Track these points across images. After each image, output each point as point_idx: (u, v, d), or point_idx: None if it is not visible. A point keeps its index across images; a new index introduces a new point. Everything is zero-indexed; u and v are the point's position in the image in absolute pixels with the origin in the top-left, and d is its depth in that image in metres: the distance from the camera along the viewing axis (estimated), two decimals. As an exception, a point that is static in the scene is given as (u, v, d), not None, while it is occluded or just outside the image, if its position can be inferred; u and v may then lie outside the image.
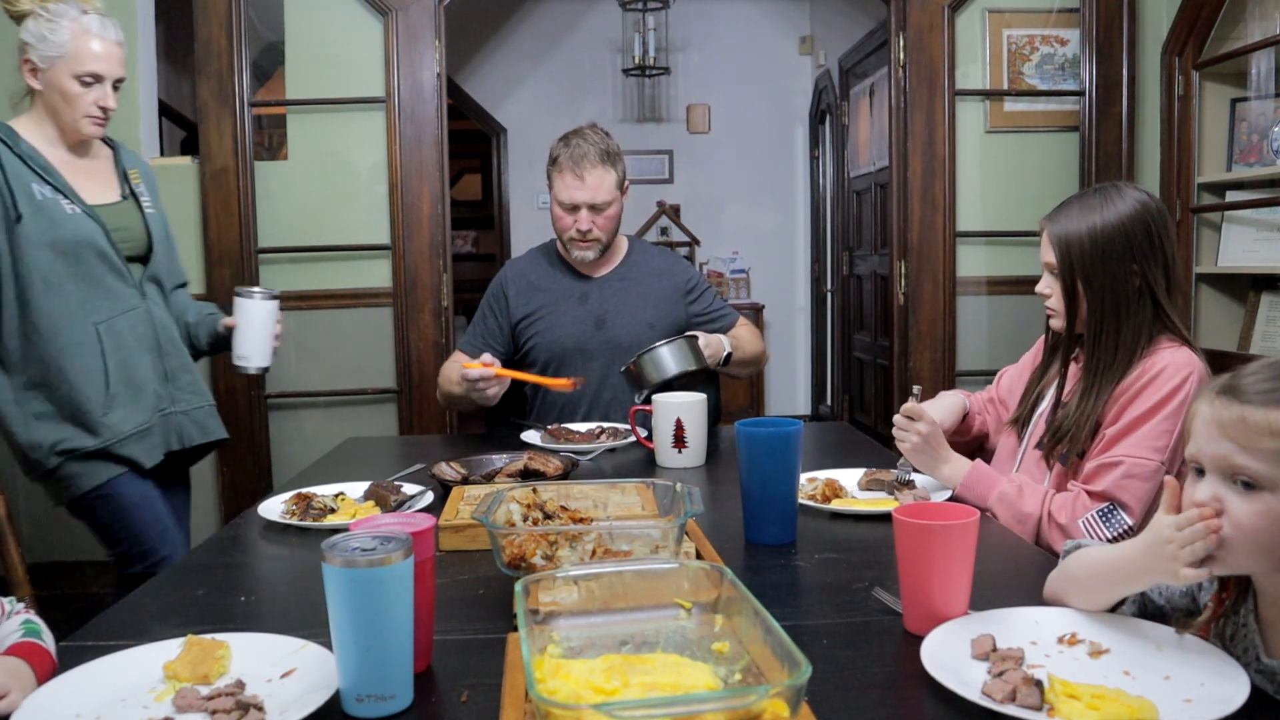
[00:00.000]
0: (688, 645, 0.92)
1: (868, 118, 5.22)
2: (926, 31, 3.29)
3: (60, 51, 1.92)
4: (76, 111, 1.95)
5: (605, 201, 2.29)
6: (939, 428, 1.67)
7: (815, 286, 6.52)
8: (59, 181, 1.95)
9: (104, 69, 1.95)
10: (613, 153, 2.31)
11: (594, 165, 2.26)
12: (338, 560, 0.88)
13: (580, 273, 2.41)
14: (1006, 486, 1.59)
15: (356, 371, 3.26)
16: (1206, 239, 3.18)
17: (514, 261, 2.51)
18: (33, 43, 1.92)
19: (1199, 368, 1.53)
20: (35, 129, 1.99)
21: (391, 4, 3.17)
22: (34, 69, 1.94)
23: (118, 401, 1.96)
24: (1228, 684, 0.88)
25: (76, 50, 1.92)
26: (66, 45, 1.92)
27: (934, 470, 1.67)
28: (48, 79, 1.94)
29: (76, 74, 1.93)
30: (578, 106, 6.36)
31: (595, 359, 2.34)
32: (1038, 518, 1.54)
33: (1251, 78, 3.09)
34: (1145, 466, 1.49)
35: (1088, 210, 1.58)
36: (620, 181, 2.33)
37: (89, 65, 1.94)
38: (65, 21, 1.92)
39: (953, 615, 1.04)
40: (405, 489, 1.66)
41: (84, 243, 1.94)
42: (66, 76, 1.92)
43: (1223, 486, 0.93)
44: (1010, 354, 3.30)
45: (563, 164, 2.29)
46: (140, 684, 0.96)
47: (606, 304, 2.36)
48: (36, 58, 1.93)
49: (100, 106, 1.97)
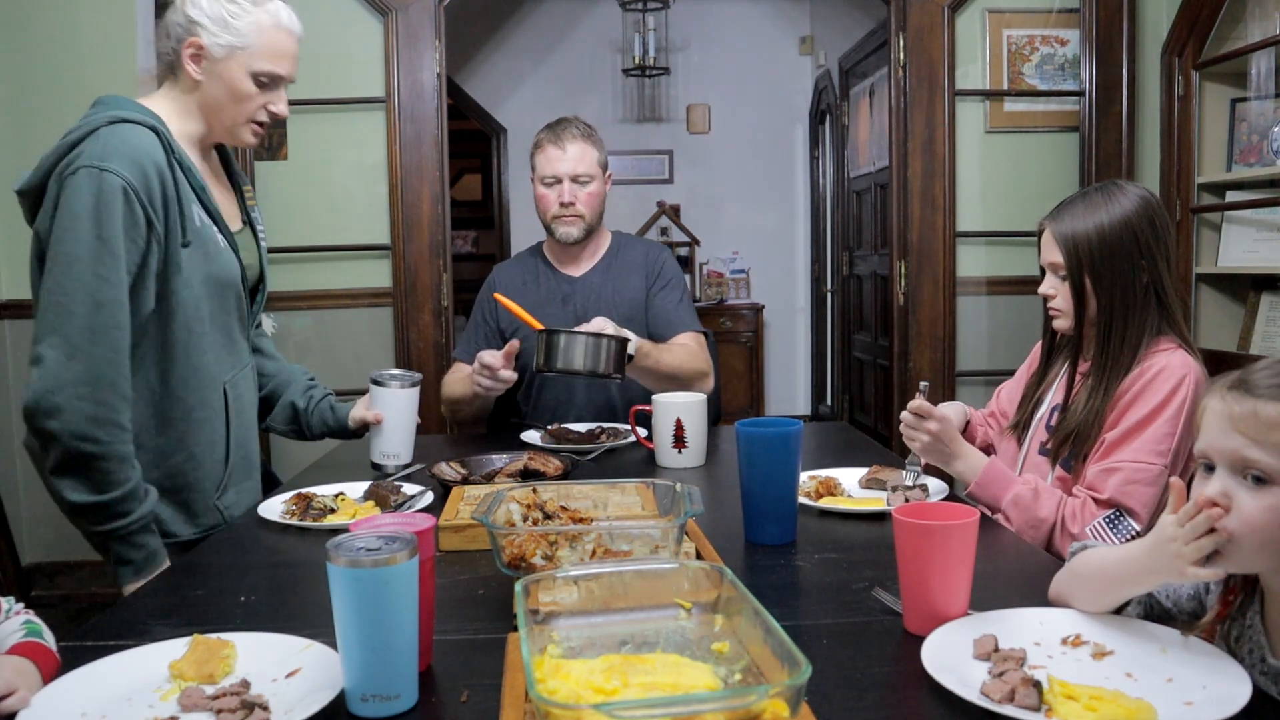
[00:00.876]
0: (688, 645, 0.92)
1: (868, 118, 5.22)
2: (926, 31, 3.29)
3: (244, 41, 1.59)
4: (241, 114, 1.64)
5: (588, 174, 2.28)
6: (950, 422, 1.63)
7: (815, 286, 6.52)
8: (211, 203, 1.62)
9: (288, 70, 1.66)
10: (594, 135, 2.33)
11: (575, 138, 2.28)
12: (343, 560, 0.88)
13: (563, 273, 2.40)
14: (1022, 489, 1.56)
15: (356, 371, 3.26)
16: (1206, 239, 3.18)
17: (501, 266, 2.51)
18: (206, 24, 1.58)
19: (1195, 369, 1.53)
20: (177, 124, 1.63)
21: (391, 4, 3.17)
22: (199, 54, 1.60)
23: (233, 479, 1.68)
24: (1230, 687, 0.88)
25: (264, 43, 1.60)
26: (251, 35, 1.59)
27: (948, 465, 1.64)
28: (218, 70, 1.60)
29: (255, 71, 1.61)
30: (578, 106, 6.35)
31: None
32: (1052, 524, 1.52)
33: (1251, 78, 3.09)
34: (1148, 471, 1.48)
35: (1092, 208, 1.58)
36: (602, 163, 2.33)
37: (272, 64, 1.62)
38: (250, 5, 1.60)
39: (953, 615, 1.04)
40: (405, 489, 1.66)
41: (230, 283, 1.64)
42: (242, 72, 1.60)
43: (1232, 481, 0.92)
44: (1010, 354, 3.33)
45: (544, 140, 2.31)
46: (146, 683, 0.97)
47: (586, 304, 2.35)
48: (210, 42, 1.58)
49: (271, 111, 1.66)
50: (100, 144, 1.48)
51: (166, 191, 1.52)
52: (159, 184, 1.50)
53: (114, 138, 1.48)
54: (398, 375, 1.91)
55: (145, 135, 1.52)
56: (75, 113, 1.56)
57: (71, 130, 1.51)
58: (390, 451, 1.88)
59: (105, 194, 1.45)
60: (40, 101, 3.09)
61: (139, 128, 1.52)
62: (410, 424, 1.90)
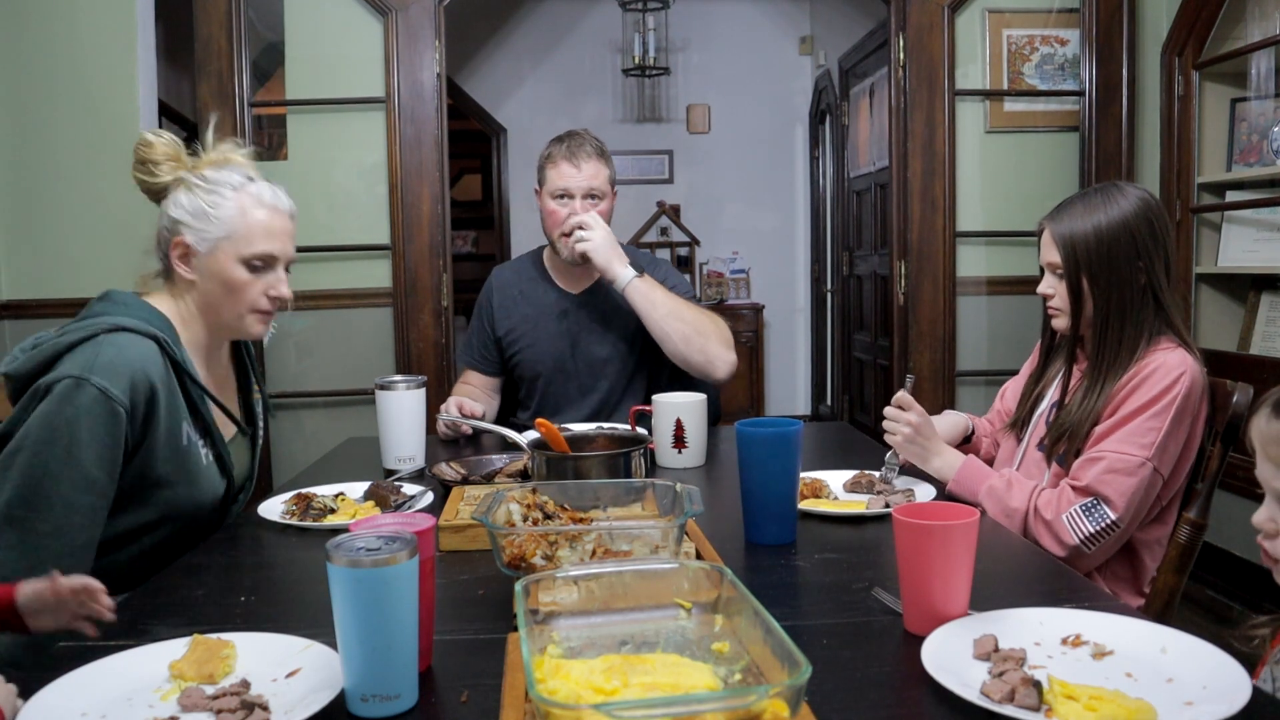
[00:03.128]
0: (688, 645, 0.92)
1: (868, 118, 5.22)
2: (926, 31, 3.29)
3: (228, 229, 1.49)
4: (243, 305, 1.52)
5: (600, 191, 2.26)
6: (929, 418, 1.65)
7: (815, 286, 6.52)
8: (206, 416, 1.49)
9: (280, 249, 1.54)
10: (605, 152, 2.31)
11: (590, 156, 2.25)
12: (343, 560, 0.88)
13: (561, 288, 2.36)
14: (996, 481, 1.59)
15: (356, 371, 3.26)
16: (1206, 239, 3.18)
17: (500, 270, 2.47)
18: (187, 220, 1.49)
19: (1193, 367, 1.54)
20: (182, 330, 1.52)
21: (391, 4, 3.17)
22: (187, 253, 1.50)
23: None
24: (1230, 687, 0.88)
25: (249, 226, 1.50)
26: (234, 221, 1.49)
27: (925, 463, 1.65)
28: (208, 266, 1.50)
29: (245, 257, 1.50)
30: (578, 106, 6.36)
31: (573, 378, 2.32)
32: (1024, 512, 1.55)
33: (1251, 78, 3.10)
34: (1128, 461, 1.50)
35: (1091, 209, 1.59)
36: (612, 180, 2.32)
37: (261, 245, 1.51)
38: (229, 192, 1.50)
39: (953, 615, 1.04)
40: (405, 489, 1.66)
41: (201, 507, 1.50)
42: (232, 261, 1.50)
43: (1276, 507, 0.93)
44: (1010, 354, 3.33)
45: (557, 156, 2.27)
46: (146, 683, 0.97)
47: (583, 321, 2.32)
48: (193, 239, 1.49)
49: (272, 297, 1.55)
50: (94, 353, 1.36)
51: (156, 410, 1.40)
52: (145, 402, 1.38)
53: (110, 347, 1.37)
54: (403, 379, 1.91)
55: (144, 346, 1.41)
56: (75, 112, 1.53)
57: (70, 327, 1.41)
58: (404, 455, 1.88)
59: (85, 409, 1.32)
60: (40, 101, 3.09)
61: (138, 338, 1.41)
62: (420, 425, 1.91)
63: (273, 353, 3.22)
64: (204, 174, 1.51)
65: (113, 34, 3.13)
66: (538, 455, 1.55)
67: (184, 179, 1.51)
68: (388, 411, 1.88)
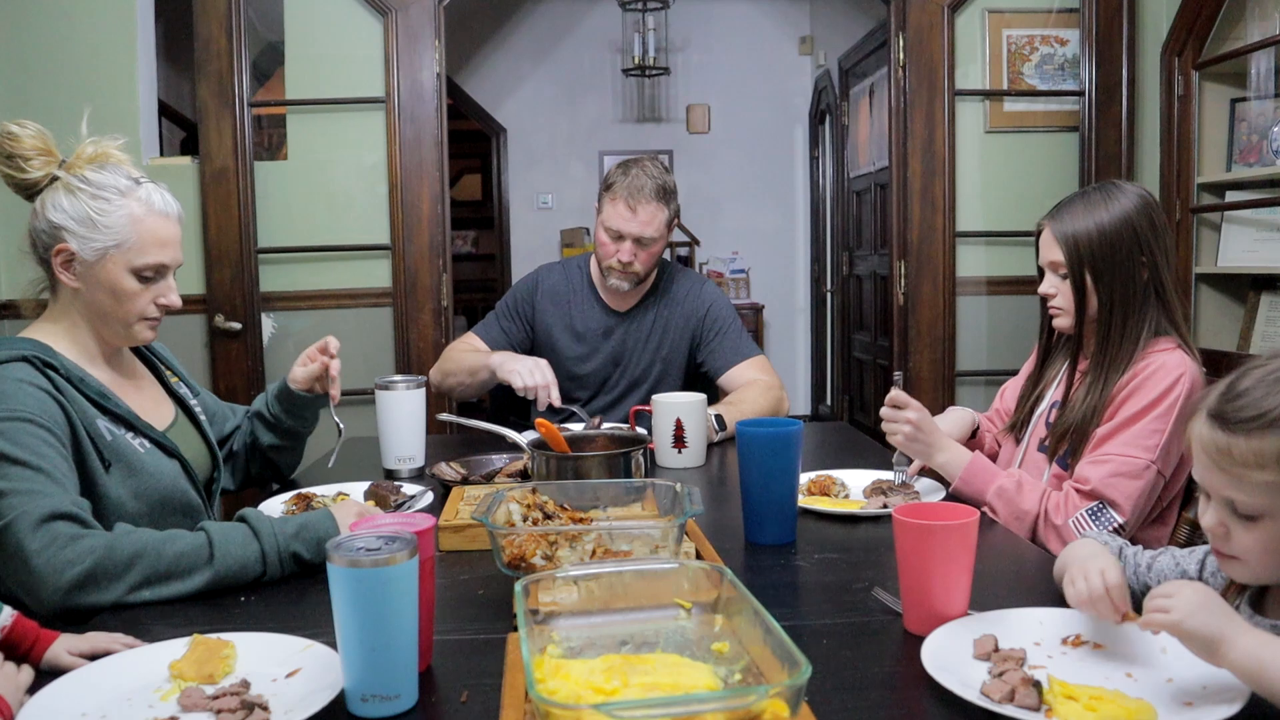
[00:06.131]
0: (688, 645, 0.92)
1: (868, 118, 5.22)
2: (926, 31, 3.29)
3: (118, 238, 1.41)
4: (131, 314, 1.46)
5: (652, 238, 2.24)
6: (927, 413, 1.63)
7: (815, 286, 6.52)
8: (123, 409, 1.44)
9: (171, 258, 1.47)
10: (669, 189, 2.27)
11: (649, 200, 2.22)
12: (343, 560, 0.88)
13: (608, 304, 2.37)
14: (1005, 481, 1.57)
15: (356, 371, 3.26)
16: (1206, 239, 3.18)
17: (549, 271, 2.45)
18: (71, 226, 1.40)
19: (1192, 369, 1.54)
20: (68, 343, 1.45)
21: (391, 4, 3.17)
22: (70, 260, 1.42)
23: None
24: (1230, 687, 0.88)
25: (140, 236, 1.42)
26: (124, 229, 1.41)
27: (929, 459, 1.63)
28: (94, 274, 1.42)
29: (136, 267, 1.43)
30: (577, 107, 6.36)
31: (610, 392, 2.38)
32: (1035, 515, 1.54)
33: (1251, 78, 3.09)
34: (1133, 464, 1.49)
35: (1092, 207, 1.59)
36: (671, 219, 2.29)
37: (154, 255, 1.44)
38: (116, 197, 1.41)
39: (953, 615, 1.04)
40: (405, 489, 1.66)
41: (168, 494, 1.45)
42: (122, 271, 1.42)
43: (1225, 513, 0.94)
44: (1010, 354, 3.33)
45: (617, 191, 2.23)
46: (146, 683, 0.97)
47: (627, 340, 2.36)
48: (78, 246, 1.40)
49: (160, 305, 1.48)
50: None
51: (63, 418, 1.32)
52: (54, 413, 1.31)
53: None
54: (403, 378, 1.90)
55: (17, 371, 1.32)
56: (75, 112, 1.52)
57: None
58: (404, 455, 1.88)
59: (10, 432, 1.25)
60: (40, 101, 3.09)
61: (8, 366, 1.32)
62: (420, 425, 1.90)
63: (273, 353, 3.21)
64: (85, 175, 1.42)
65: (113, 34, 3.13)
66: (538, 455, 1.56)
67: (62, 179, 1.41)
68: (388, 411, 1.88)
